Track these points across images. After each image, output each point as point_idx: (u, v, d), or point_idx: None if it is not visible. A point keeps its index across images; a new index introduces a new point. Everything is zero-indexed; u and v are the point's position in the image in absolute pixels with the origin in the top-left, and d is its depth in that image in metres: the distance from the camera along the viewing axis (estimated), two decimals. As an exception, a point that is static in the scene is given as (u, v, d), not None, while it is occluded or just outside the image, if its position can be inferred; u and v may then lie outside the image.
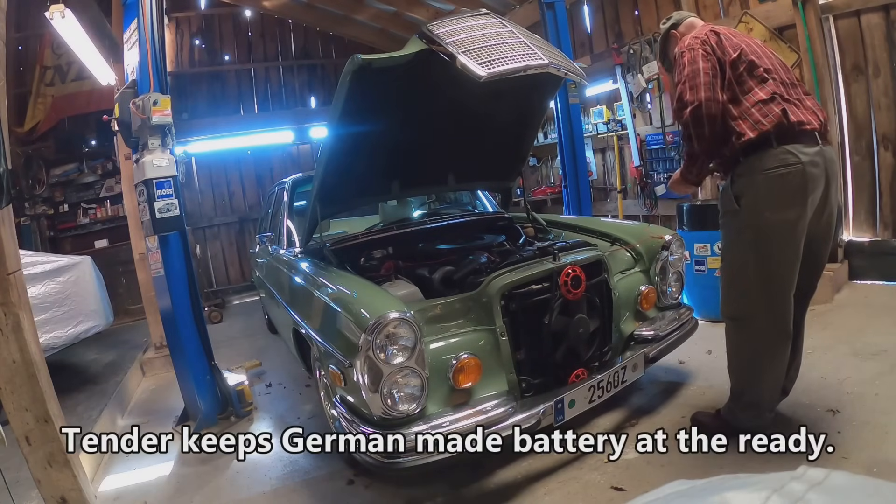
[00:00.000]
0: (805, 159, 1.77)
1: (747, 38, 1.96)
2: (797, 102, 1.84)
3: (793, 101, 1.83)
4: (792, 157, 1.77)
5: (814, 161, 1.78)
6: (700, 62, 1.83)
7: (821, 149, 1.81)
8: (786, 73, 1.91)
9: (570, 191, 4.37)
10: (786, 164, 1.77)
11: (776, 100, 1.81)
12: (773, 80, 1.84)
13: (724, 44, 1.87)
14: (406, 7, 6.12)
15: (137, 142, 2.80)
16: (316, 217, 2.63)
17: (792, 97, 1.84)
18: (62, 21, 3.24)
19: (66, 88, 6.22)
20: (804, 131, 1.80)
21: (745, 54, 1.85)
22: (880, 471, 1.77)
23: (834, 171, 1.85)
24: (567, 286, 2.12)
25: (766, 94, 1.82)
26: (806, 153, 1.78)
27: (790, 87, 1.88)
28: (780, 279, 1.85)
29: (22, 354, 1.92)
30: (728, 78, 1.84)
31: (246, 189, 7.36)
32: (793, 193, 1.78)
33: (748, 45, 1.89)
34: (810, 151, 1.79)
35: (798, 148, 1.78)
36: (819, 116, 1.87)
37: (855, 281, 3.73)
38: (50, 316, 3.22)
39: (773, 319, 1.88)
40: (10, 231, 2.00)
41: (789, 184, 1.77)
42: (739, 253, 1.90)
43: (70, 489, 2.02)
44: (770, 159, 1.79)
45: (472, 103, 2.50)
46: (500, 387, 2.02)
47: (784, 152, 1.78)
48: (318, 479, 2.30)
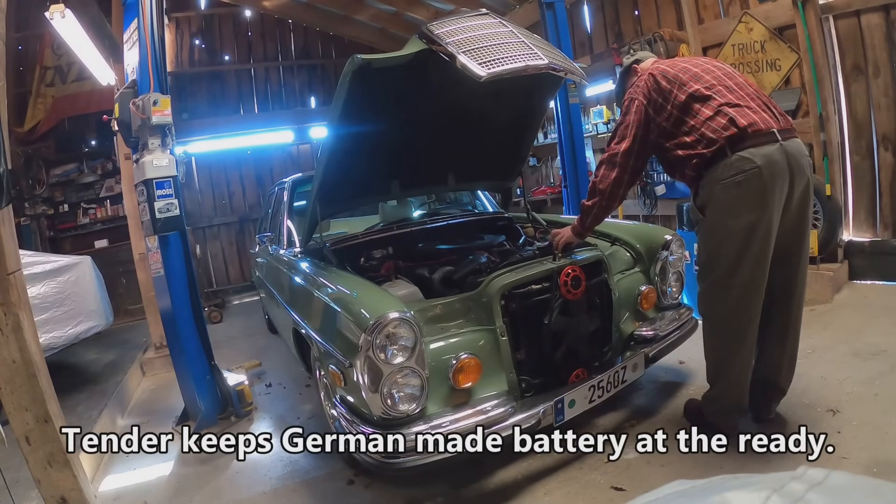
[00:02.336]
0: (761, 161, 1.78)
1: (686, 61, 2.04)
2: (746, 107, 1.86)
3: (742, 105, 1.86)
4: (748, 163, 1.79)
5: (772, 161, 1.79)
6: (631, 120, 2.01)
7: (780, 146, 1.81)
8: (733, 80, 1.94)
9: (570, 191, 4.37)
10: (741, 171, 1.80)
11: (722, 112, 1.84)
12: (717, 94, 1.88)
13: (661, 84, 1.96)
14: (406, 7, 6.12)
15: (137, 142, 2.80)
16: (316, 217, 2.63)
17: (741, 102, 1.87)
18: (62, 21, 3.24)
19: (67, 89, 6.22)
20: (758, 132, 1.81)
21: (681, 83, 1.92)
22: (880, 471, 1.77)
23: (800, 165, 1.84)
24: (567, 286, 2.12)
25: (712, 110, 1.86)
26: (762, 154, 1.79)
27: (738, 93, 1.90)
28: (742, 280, 1.88)
29: (22, 354, 1.92)
30: (671, 112, 1.94)
31: (246, 189, 7.36)
32: (751, 198, 1.81)
33: (685, 72, 1.96)
34: (767, 151, 1.79)
35: (752, 151, 1.79)
36: (775, 114, 1.89)
37: (855, 281, 3.73)
38: (50, 316, 3.22)
39: (732, 319, 1.95)
40: (10, 231, 2.00)
41: (746, 190, 1.80)
42: (706, 256, 2.00)
43: (70, 489, 2.02)
44: (726, 169, 1.83)
45: (472, 103, 2.50)
46: (500, 387, 2.02)
47: (739, 160, 1.80)
48: (318, 479, 2.30)
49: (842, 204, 3.66)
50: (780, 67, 3.78)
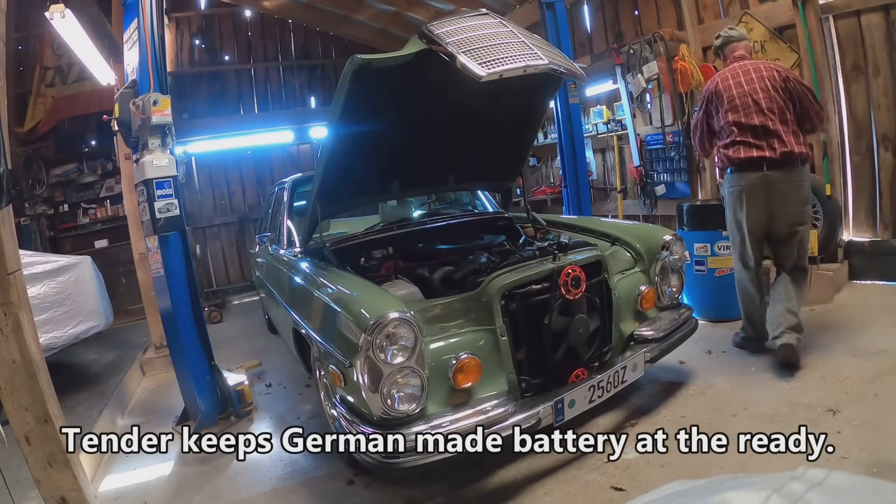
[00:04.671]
0: (744, 183, 2.69)
1: (747, 81, 2.67)
2: (756, 140, 2.63)
3: (750, 142, 2.64)
4: (740, 181, 2.71)
5: (752, 185, 2.66)
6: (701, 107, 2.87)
7: (764, 174, 2.64)
8: (760, 115, 2.62)
9: (570, 191, 4.37)
10: (736, 185, 2.73)
11: (735, 144, 2.69)
12: (739, 127, 2.66)
13: (723, 94, 2.72)
14: (406, 7, 6.12)
15: (137, 142, 2.80)
16: (316, 217, 2.63)
17: (751, 138, 2.64)
18: (62, 21, 3.24)
19: (67, 90, 6.22)
20: (751, 161, 2.64)
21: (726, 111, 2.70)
22: (880, 471, 1.77)
23: (778, 189, 2.65)
24: (567, 286, 2.12)
25: (728, 139, 2.72)
26: (747, 178, 2.68)
27: (754, 129, 2.63)
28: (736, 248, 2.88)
29: (22, 354, 1.92)
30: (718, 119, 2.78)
31: (246, 189, 7.36)
32: (736, 203, 2.75)
33: (739, 95, 2.67)
34: (751, 177, 2.67)
35: (743, 175, 2.69)
36: (774, 147, 2.61)
37: (855, 281, 3.72)
38: (50, 316, 3.22)
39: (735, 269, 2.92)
40: (10, 231, 2.00)
41: (734, 197, 2.75)
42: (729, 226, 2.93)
43: (70, 489, 2.02)
44: (729, 181, 2.78)
45: (472, 103, 2.50)
46: (500, 387, 2.02)
47: (736, 178, 2.73)
48: (318, 479, 2.30)
49: (842, 204, 3.66)
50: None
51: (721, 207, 3.14)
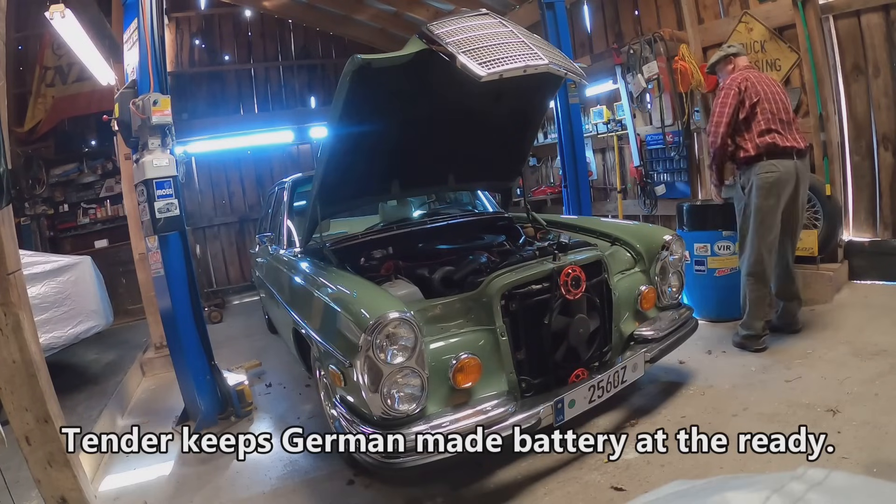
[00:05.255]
0: (781, 169, 2.80)
1: (766, 84, 2.87)
2: (785, 133, 2.83)
3: (782, 132, 2.82)
4: (773, 168, 2.81)
5: (787, 170, 2.81)
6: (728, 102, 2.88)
7: (795, 162, 2.83)
8: (784, 112, 2.85)
9: (570, 191, 4.36)
10: (769, 172, 2.81)
11: (771, 132, 2.82)
12: (772, 117, 2.82)
13: (750, 91, 2.84)
14: (406, 7, 6.12)
15: (137, 142, 2.80)
16: (316, 217, 2.63)
17: (781, 130, 2.82)
18: (62, 21, 3.23)
19: (68, 90, 6.22)
20: (785, 150, 2.81)
21: (760, 101, 2.83)
22: (880, 471, 1.77)
23: (804, 175, 2.89)
24: (567, 286, 2.12)
25: (765, 126, 2.83)
26: (782, 165, 2.81)
27: (783, 122, 2.84)
28: (764, 237, 2.86)
29: (22, 354, 1.92)
30: (746, 113, 2.86)
31: (246, 189, 7.36)
32: (771, 189, 2.81)
33: (765, 93, 2.84)
34: (786, 164, 2.81)
35: (778, 161, 2.81)
36: (799, 140, 2.86)
37: (855, 281, 3.72)
38: (50, 316, 3.22)
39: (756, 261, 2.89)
40: (10, 231, 2.00)
41: (770, 183, 2.81)
42: (744, 223, 2.96)
43: (70, 489, 2.02)
44: (761, 168, 2.83)
45: (472, 103, 2.50)
46: (500, 387, 2.02)
47: (769, 164, 2.82)
48: (318, 479, 2.30)
49: (842, 204, 3.65)
50: (780, 67, 3.78)
51: (726, 207, 3.21)
